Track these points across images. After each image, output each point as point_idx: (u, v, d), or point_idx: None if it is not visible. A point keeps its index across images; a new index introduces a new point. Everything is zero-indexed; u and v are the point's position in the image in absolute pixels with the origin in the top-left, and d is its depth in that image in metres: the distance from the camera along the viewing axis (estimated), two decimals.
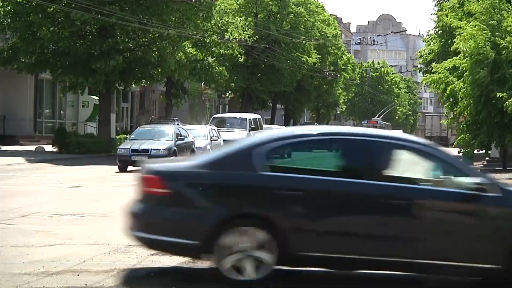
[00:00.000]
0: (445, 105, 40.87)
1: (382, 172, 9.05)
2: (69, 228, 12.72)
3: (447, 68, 34.62)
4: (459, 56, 33.14)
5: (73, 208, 15.53)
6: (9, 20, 35.06)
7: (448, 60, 35.37)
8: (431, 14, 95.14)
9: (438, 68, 35.44)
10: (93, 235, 11.89)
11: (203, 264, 9.61)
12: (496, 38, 31.29)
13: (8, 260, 9.72)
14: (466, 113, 32.74)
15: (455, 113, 37.01)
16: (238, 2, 54.16)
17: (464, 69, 32.36)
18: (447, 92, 34.51)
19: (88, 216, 14.37)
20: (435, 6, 49.31)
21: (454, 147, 53.02)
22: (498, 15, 32.18)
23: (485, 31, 31.24)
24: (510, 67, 31.34)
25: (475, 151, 38.10)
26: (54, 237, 11.64)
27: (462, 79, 32.26)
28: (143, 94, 56.74)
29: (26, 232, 12.08)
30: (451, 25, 36.89)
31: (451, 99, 35.39)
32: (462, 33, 32.29)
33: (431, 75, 36.78)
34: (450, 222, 8.99)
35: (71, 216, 14.32)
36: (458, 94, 33.49)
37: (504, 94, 30.21)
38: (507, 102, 29.93)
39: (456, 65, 33.20)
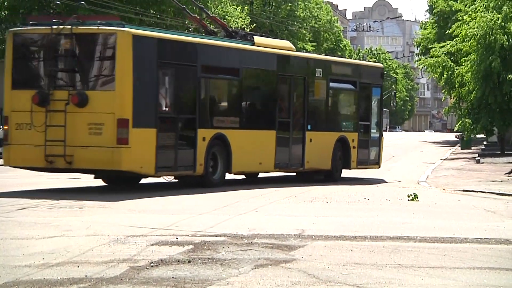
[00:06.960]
0: (442, 90, 40.73)
1: None
2: (69, 219, 12.74)
3: (446, 52, 34.47)
4: (458, 38, 32.93)
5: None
6: (6, 13, 34.94)
7: (449, 42, 35.07)
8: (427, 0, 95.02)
9: (437, 51, 35.24)
10: (92, 226, 11.91)
11: (203, 253, 9.64)
12: (509, 23, 31.15)
13: (8, 252, 9.73)
14: (471, 97, 32.49)
15: (453, 98, 36.93)
16: None
17: (467, 52, 32.17)
18: (444, 76, 34.41)
19: (87, 207, 14.40)
20: None
21: (456, 132, 53.13)
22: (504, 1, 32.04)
23: (500, 15, 31.04)
24: None
25: (476, 135, 38.07)
26: (53, 228, 11.65)
27: (468, 63, 32.02)
28: None
29: (25, 224, 12.10)
30: (453, 9, 36.69)
31: (449, 83, 35.32)
32: (469, 15, 32.06)
33: (428, 59, 36.67)
34: None
35: (70, 207, 14.37)
36: (457, 78, 33.36)
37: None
38: None
39: (459, 48, 33.02)
